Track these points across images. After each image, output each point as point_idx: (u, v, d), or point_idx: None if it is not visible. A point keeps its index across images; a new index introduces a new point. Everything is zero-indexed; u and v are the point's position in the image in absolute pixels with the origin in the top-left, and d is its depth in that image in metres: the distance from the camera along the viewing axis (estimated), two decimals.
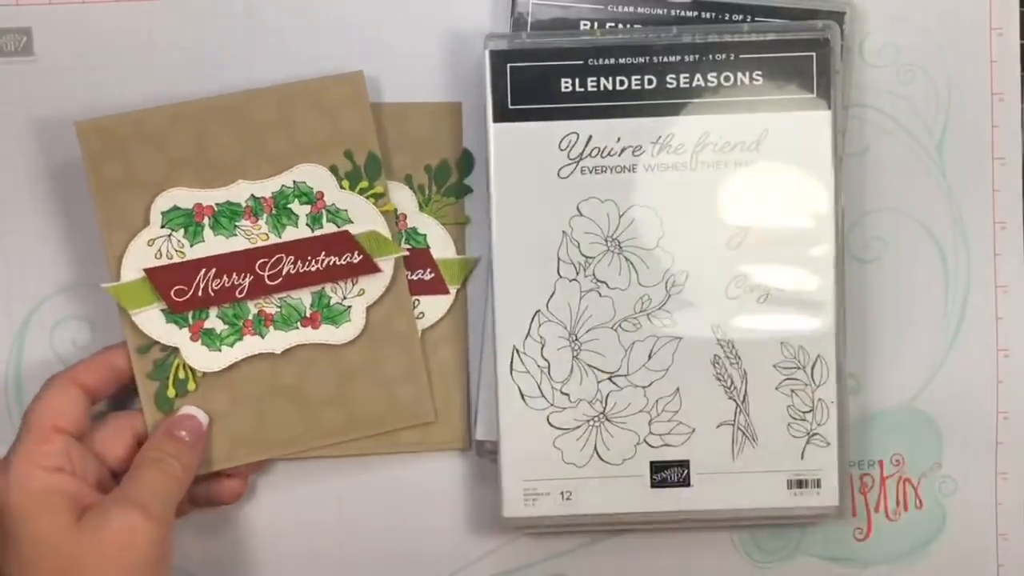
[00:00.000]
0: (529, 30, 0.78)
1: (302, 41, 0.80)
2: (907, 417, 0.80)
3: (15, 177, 0.80)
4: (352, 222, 0.78)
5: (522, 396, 0.77)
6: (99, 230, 0.77)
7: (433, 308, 0.80)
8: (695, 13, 0.77)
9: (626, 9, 0.78)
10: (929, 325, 0.80)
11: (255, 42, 0.80)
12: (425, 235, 0.79)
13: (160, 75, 0.80)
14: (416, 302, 0.79)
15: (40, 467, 0.72)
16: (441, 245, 0.80)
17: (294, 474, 0.80)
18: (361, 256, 0.78)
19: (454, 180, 0.80)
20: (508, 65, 0.76)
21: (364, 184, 0.78)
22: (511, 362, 0.76)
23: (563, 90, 0.76)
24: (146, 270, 0.77)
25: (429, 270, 0.80)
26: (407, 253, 0.79)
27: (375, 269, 0.78)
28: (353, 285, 0.78)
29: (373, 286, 0.78)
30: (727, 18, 0.77)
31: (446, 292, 0.80)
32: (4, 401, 0.81)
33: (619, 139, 0.76)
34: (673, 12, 0.78)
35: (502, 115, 0.76)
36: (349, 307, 0.78)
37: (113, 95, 0.79)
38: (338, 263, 0.78)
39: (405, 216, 0.79)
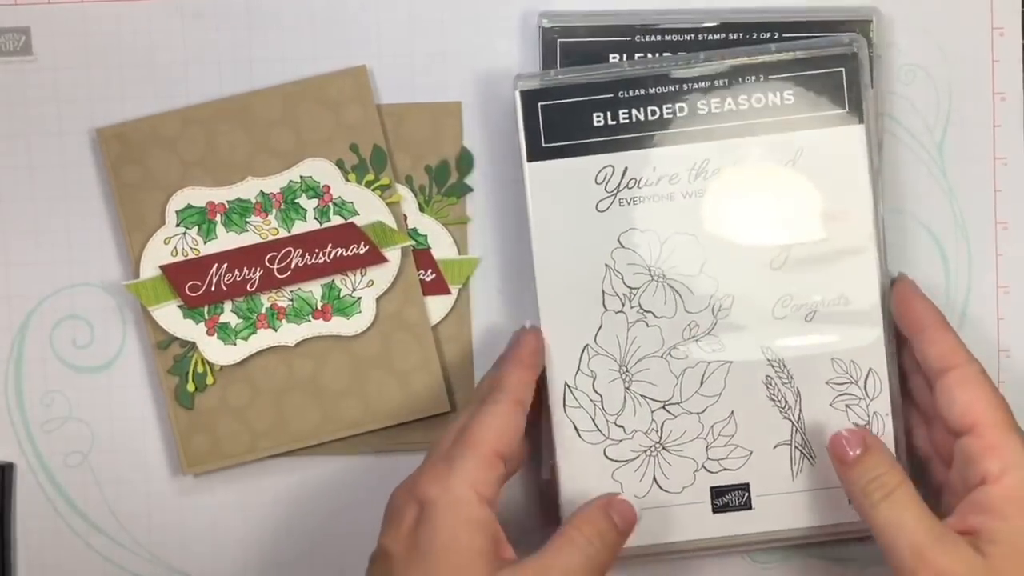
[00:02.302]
0: (558, 67, 0.77)
1: (302, 41, 0.79)
2: None
3: (14, 177, 0.80)
4: (358, 214, 0.79)
5: (577, 431, 0.76)
6: (120, 230, 0.79)
7: (435, 308, 0.80)
8: (722, 36, 0.77)
9: (653, 39, 0.77)
10: None
11: (255, 42, 0.79)
12: (426, 236, 0.79)
13: (159, 75, 0.79)
14: None
15: (477, 494, 0.67)
16: (442, 245, 0.80)
17: (295, 471, 0.80)
18: (367, 247, 0.78)
19: (454, 180, 0.80)
20: (539, 104, 0.75)
21: (370, 177, 0.79)
22: (563, 398, 0.75)
23: (595, 124, 0.75)
24: (161, 267, 0.79)
25: (430, 270, 0.79)
26: (414, 243, 0.79)
27: (381, 259, 0.78)
28: (362, 276, 0.79)
29: (382, 277, 0.79)
30: (754, 36, 0.77)
31: (448, 292, 0.80)
32: (4, 401, 0.80)
33: (655, 168, 0.75)
34: (700, 37, 0.77)
35: (537, 154, 0.75)
36: (359, 298, 0.79)
37: (112, 95, 0.79)
38: (345, 254, 0.78)
39: (405, 217, 0.79)
